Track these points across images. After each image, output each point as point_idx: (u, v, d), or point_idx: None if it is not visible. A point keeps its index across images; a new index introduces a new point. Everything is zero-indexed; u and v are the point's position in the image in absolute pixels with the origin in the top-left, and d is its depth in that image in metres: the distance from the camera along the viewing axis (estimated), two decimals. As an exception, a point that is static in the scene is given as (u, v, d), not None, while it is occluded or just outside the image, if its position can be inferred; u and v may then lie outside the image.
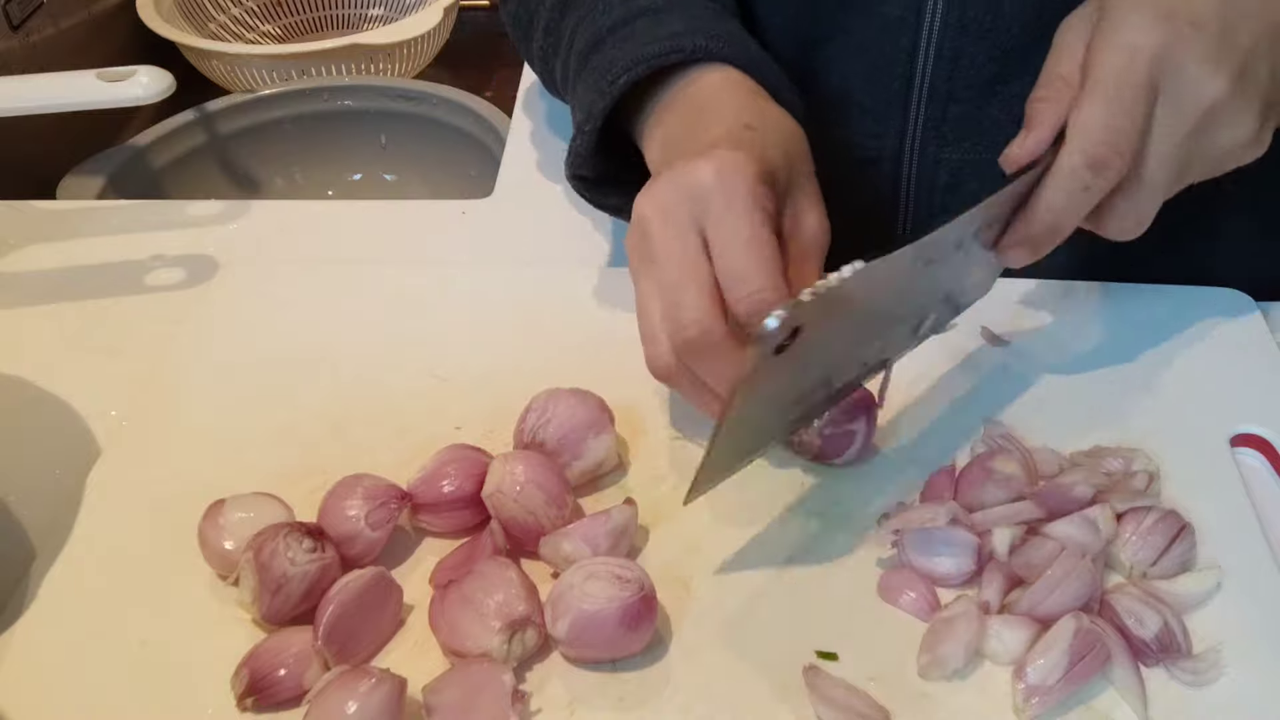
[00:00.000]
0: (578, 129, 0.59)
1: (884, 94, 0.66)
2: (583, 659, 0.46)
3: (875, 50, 0.65)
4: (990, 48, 0.62)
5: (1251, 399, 0.57)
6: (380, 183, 1.03)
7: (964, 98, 0.64)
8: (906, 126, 0.67)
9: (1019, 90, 0.63)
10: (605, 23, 0.61)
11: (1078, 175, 0.50)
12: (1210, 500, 0.52)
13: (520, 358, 0.61)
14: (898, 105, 0.66)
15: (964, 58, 0.63)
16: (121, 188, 0.90)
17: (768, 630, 0.48)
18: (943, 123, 0.66)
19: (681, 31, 0.57)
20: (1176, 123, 0.50)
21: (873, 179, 0.69)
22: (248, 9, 1.20)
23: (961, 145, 0.66)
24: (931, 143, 0.66)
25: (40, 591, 0.50)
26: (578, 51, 0.62)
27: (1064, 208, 0.51)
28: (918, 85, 0.65)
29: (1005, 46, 0.62)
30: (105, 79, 0.67)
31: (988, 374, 0.59)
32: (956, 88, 0.64)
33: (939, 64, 0.63)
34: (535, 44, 0.69)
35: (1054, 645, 0.45)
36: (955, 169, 0.67)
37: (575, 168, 0.60)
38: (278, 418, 0.58)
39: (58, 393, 0.61)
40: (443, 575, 0.49)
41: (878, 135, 0.68)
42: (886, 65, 0.65)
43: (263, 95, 0.99)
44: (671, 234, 0.49)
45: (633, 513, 0.50)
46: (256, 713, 0.45)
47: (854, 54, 0.66)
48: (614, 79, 0.57)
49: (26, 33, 0.97)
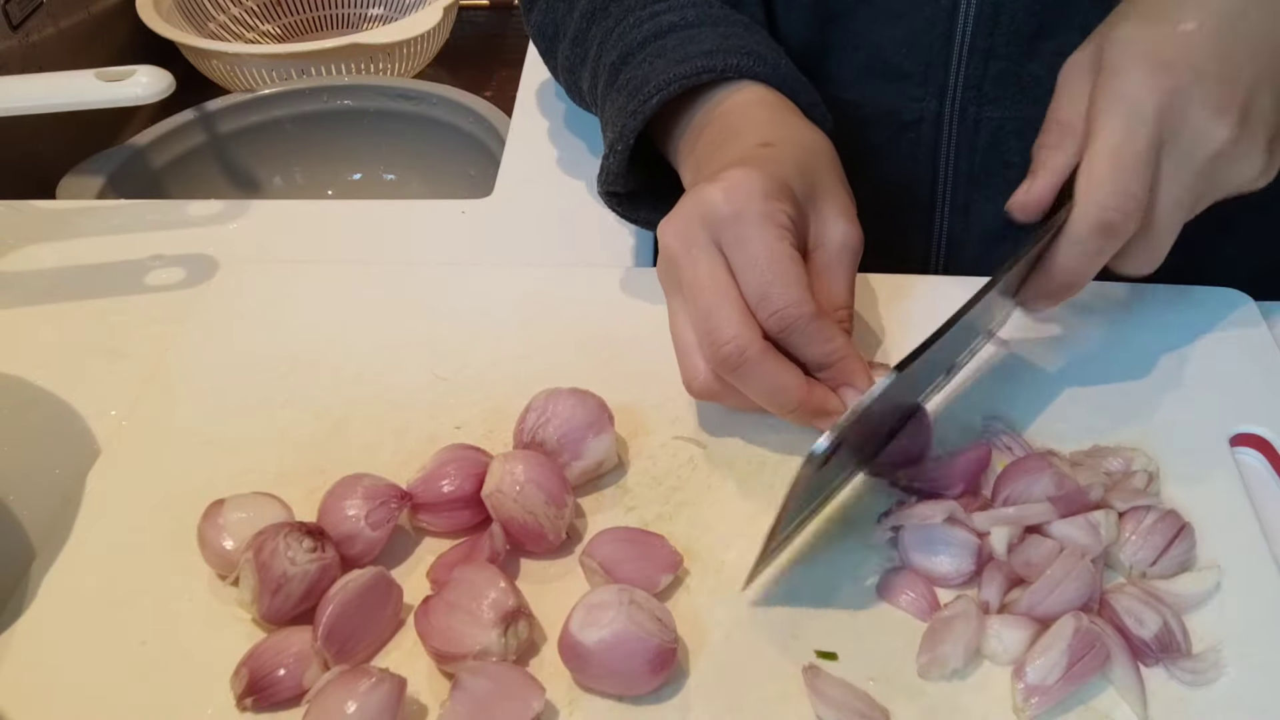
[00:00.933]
0: (609, 147, 0.60)
1: (923, 56, 0.66)
2: (590, 677, 0.45)
3: (913, 13, 0.65)
4: (1031, 2, 0.62)
5: (1251, 399, 0.57)
6: (380, 183, 1.03)
7: (1004, 54, 0.64)
8: (946, 87, 0.66)
9: (1059, 46, 0.63)
10: (636, 37, 0.61)
11: (1090, 240, 0.51)
12: (1210, 500, 0.52)
13: (520, 358, 0.61)
14: (938, 66, 0.66)
15: (1004, 13, 0.63)
16: (121, 188, 0.90)
17: (768, 630, 0.48)
18: (983, 81, 0.65)
19: (713, 50, 0.58)
20: (1184, 172, 0.51)
21: (912, 143, 0.69)
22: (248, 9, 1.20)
23: (1002, 103, 0.66)
24: (972, 102, 0.66)
25: (40, 591, 0.50)
26: (607, 64, 0.62)
27: (1077, 269, 0.52)
28: (958, 44, 0.65)
29: (1045, 1, 0.62)
30: (105, 79, 0.67)
31: (987, 374, 0.59)
32: (997, 44, 0.64)
33: (979, 21, 0.63)
34: (561, 54, 0.69)
35: (1053, 645, 0.45)
36: (996, 128, 0.67)
37: (608, 184, 0.61)
38: (278, 418, 0.58)
39: (58, 393, 0.61)
40: (439, 572, 0.49)
41: (917, 99, 0.67)
42: (926, 26, 0.65)
43: (263, 95, 0.99)
44: (694, 259, 0.50)
45: None
46: (256, 712, 0.45)
47: (886, 21, 0.66)
48: (646, 98, 0.57)
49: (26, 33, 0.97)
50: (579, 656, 0.44)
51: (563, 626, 0.45)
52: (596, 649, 0.44)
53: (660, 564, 0.49)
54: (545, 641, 0.47)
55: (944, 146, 0.69)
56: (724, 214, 0.50)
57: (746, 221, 0.50)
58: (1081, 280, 0.53)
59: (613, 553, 0.49)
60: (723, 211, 0.50)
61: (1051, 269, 0.53)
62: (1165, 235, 0.52)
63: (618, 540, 0.49)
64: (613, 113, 0.61)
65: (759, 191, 0.50)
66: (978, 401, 0.57)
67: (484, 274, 0.67)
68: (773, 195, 0.50)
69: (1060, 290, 0.54)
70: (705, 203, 0.50)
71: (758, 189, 0.50)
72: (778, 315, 0.49)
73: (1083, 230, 0.51)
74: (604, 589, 0.46)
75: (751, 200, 0.50)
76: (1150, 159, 0.50)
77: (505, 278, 0.66)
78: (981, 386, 0.58)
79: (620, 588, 0.46)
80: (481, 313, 0.64)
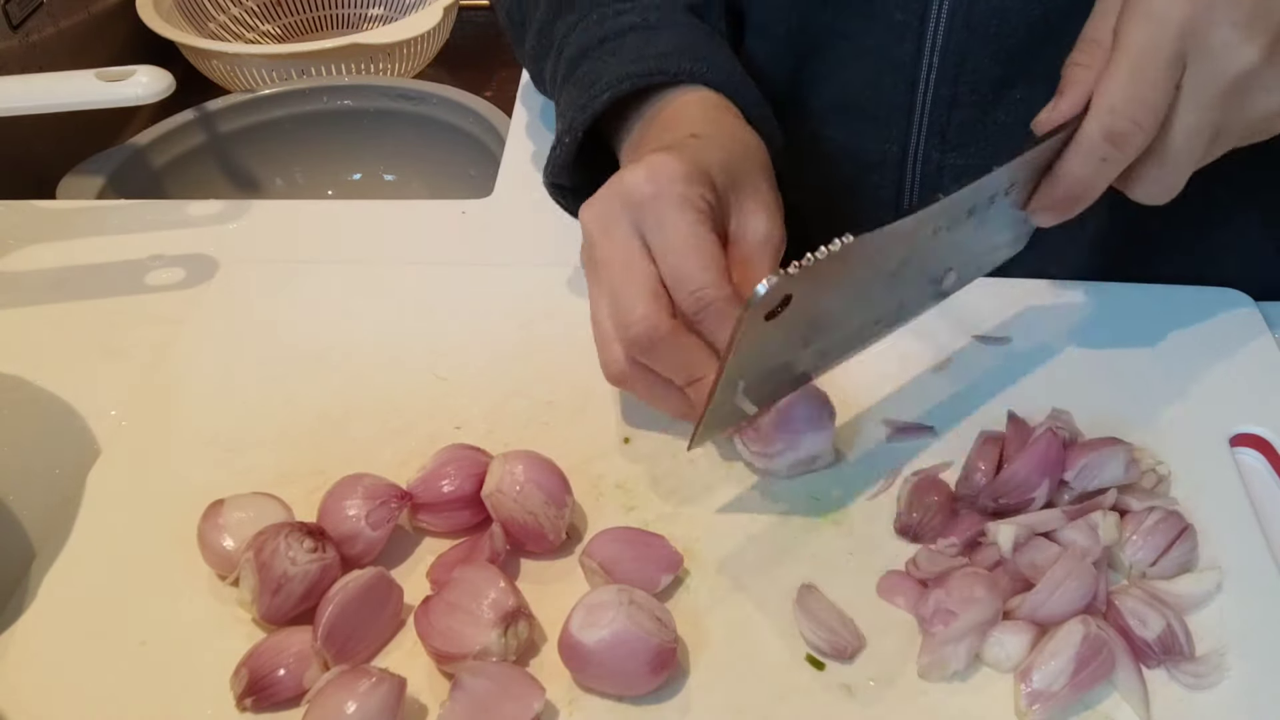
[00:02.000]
0: (558, 139, 0.59)
1: (887, 99, 0.66)
2: (590, 678, 0.45)
3: (878, 54, 0.64)
4: (996, 51, 0.62)
5: (1251, 399, 0.57)
6: (380, 183, 1.03)
7: (968, 102, 0.64)
8: (910, 131, 0.66)
9: (1023, 95, 0.63)
10: (597, 33, 0.61)
11: (1096, 147, 0.50)
12: (1210, 500, 0.52)
13: (520, 358, 0.61)
14: (902, 110, 0.66)
15: (969, 61, 0.63)
16: (121, 188, 0.90)
17: (768, 630, 0.48)
18: (947, 127, 0.65)
19: (669, 52, 0.58)
20: (1205, 93, 0.49)
21: (875, 184, 0.69)
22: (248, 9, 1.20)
23: (966, 150, 0.66)
24: (935, 148, 0.66)
25: (40, 591, 0.50)
26: (567, 58, 0.62)
27: (1084, 177, 0.51)
28: (921, 90, 0.64)
29: (1011, 50, 0.62)
30: (104, 79, 0.67)
31: (987, 374, 0.59)
32: (961, 92, 0.64)
33: (943, 68, 0.63)
34: (528, 44, 0.69)
35: (1060, 651, 0.44)
36: (959, 174, 0.66)
37: (554, 176, 0.60)
38: (278, 418, 0.58)
39: (58, 393, 0.61)
40: (439, 572, 0.49)
41: (881, 140, 0.67)
42: (890, 69, 0.64)
43: (263, 95, 0.99)
44: (612, 241, 0.50)
45: None
46: (256, 713, 0.45)
47: (856, 59, 0.65)
48: (596, 94, 0.57)
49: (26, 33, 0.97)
50: (579, 657, 0.44)
51: (563, 627, 0.45)
52: (596, 649, 0.44)
53: (661, 564, 0.49)
54: (545, 641, 0.47)
55: (907, 189, 0.69)
56: (643, 195, 0.50)
57: (665, 202, 0.49)
58: (1089, 192, 0.51)
59: (613, 553, 0.49)
60: (642, 192, 0.50)
61: (1059, 176, 0.51)
62: (1180, 160, 0.50)
63: (618, 540, 0.49)
64: (565, 105, 0.61)
65: (679, 174, 0.50)
66: (976, 402, 0.57)
67: (484, 274, 0.67)
68: (693, 179, 0.50)
69: (1067, 201, 0.52)
70: (625, 184, 0.50)
71: (678, 172, 0.50)
72: (694, 295, 0.49)
73: (1092, 136, 0.49)
74: (604, 589, 0.46)
75: (672, 183, 0.50)
76: (1170, 71, 0.48)
77: (506, 278, 0.66)
78: (979, 386, 0.58)
79: (620, 588, 0.46)
80: (481, 313, 0.64)
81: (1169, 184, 0.51)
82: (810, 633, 0.46)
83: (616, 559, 0.48)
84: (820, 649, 0.46)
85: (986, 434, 0.54)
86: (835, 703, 0.45)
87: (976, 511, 0.51)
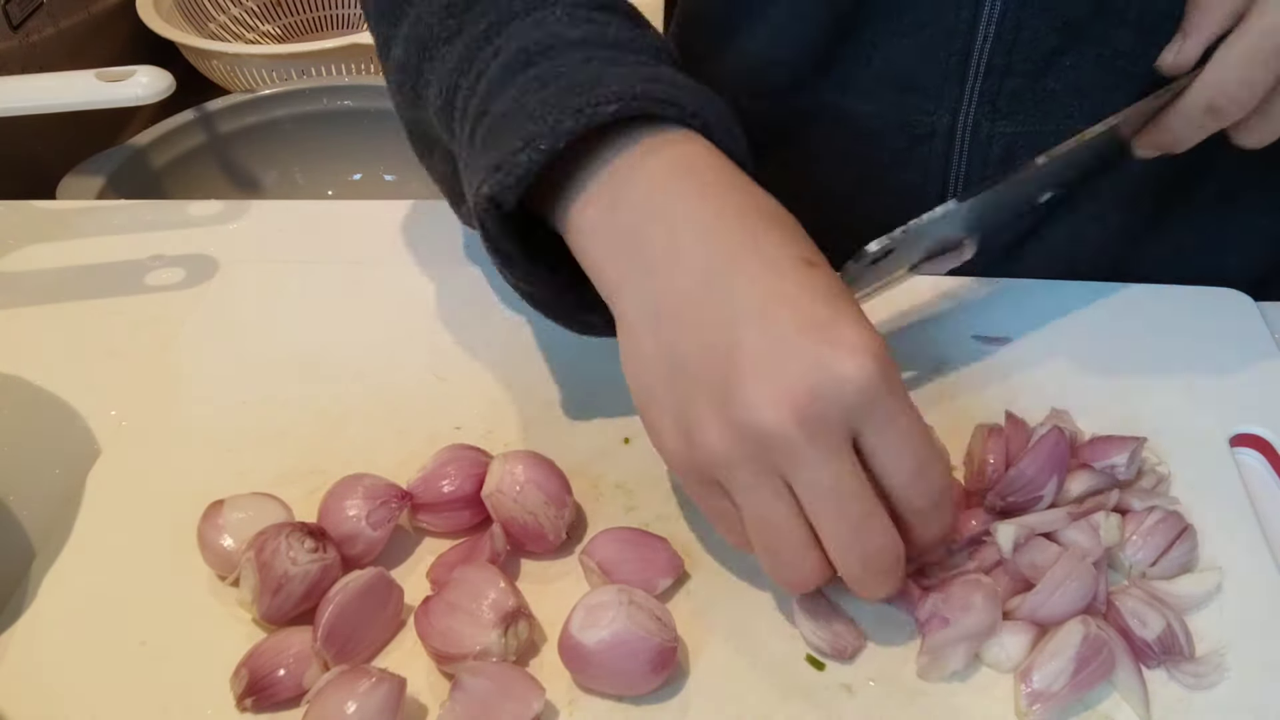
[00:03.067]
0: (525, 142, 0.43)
1: (938, 70, 0.65)
2: (590, 678, 0.45)
3: (932, 26, 0.64)
4: (1053, 19, 0.62)
5: (1251, 399, 0.57)
6: (380, 183, 1.03)
7: (1021, 70, 0.64)
8: (961, 101, 0.66)
9: (1075, 62, 0.63)
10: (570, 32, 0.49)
11: (1196, 115, 0.52)
12: (1210, 500, 0.52)
13: (520, 358, 0.61)
14: (953, 81, 0.65)
15: (1025, 30, 0.62)
16: (121, 188, 0.90)
17: (767, 630, 0.48)
18: (998, 96, 0.65)
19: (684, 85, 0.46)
20: None
21: (923, 156, 0.69)
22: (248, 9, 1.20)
23: (1016, 118, 0.65)
24: (986, 117, 0.66)
25: (40, 591, 0.50)
26: (514, 48, 0.48)
27: (1184, 136, 0.54)
28: (975, 60, 0.64)
29: (1067, 17, 0.62)
30: (104, 79, 0.67)
31: (986, 373, 0.59)
32: (1015, 61, 0.63)
33: (999, 38, 0.63)
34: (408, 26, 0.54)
35: (1061, 651, 0.44)
36: (1009, 143, 0.66)
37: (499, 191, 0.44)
38: (278, 417, 0.58)
39: (58, 393, 0.61)
40: (439, 572, 0.49)
41: (930, 112, 0.67)
42: (943, 40, 0.64)
43: (263, 95, 0.99)
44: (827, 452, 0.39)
45: None
46: (256, 713, 0.45)
47: (904, 32, 0.65)
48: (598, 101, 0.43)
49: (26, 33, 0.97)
50: (579, 657, 0.44)
51: (563, 627, 0.45)
52: (597, 649, 0.44)
53: (660, 568, 0.49)
54: (545, 642, 0.47)
55: (955, 160, 0.68)
56: (877, 392, 0.39)
57: (897, 394, 0.40)
58: (1188, 143, 0.54)
59: (612, 554, 0.49)
60: (876, 388, 0.39)
61: (1162, 127, 0.54)
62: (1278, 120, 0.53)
63: (618, 541, 0.49)
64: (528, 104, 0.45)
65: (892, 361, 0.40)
66: (974, 402, 0.57)
67: (484, 274, 0.67)
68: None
69: (1168, 147, 0.55)
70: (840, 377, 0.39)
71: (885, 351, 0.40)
72: (931, 493, 0.41)
73: (1194, 106, 0.52)
74: (603, 589, 0.46)
75: (892, 367, 0.40)
76: None
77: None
78: (979, 387, 0.58)
79: (620, 588, 0.46)
80: (481, 313, 0.64)
81: (1269, 136, 0.54)
82: (811, 633, 0.46)
83: (616, 560, 0.48)
84: (820, 649, 0.46)
85: (986, 426, 0.54)
86: (835, 703, 0.45)
87: (984, 510, 0.51)
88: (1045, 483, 0.50)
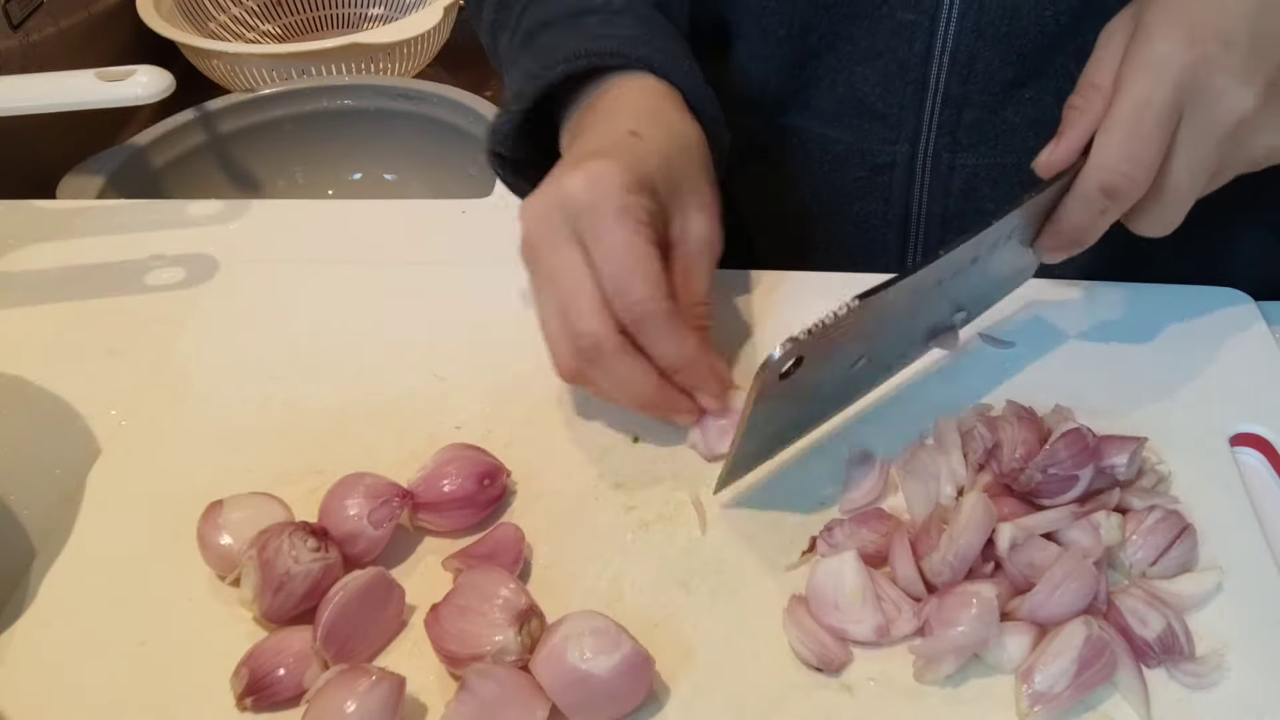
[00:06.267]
0: (504, 106, 0.59)
1: (897, 99, 0.65)
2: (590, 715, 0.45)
3: (888, 55, 0.64)
4: (1007, 52, 0.62)
5: (1251, 399, 0.57)
6: (380, 183, 1.03)
7: (979, 102, 0.64)
8: (920, 132, 0.66)
9: (1034, 94, 0.63)
10: (558, 9, 0.61)
11: (1094, 199, 0.51)
12: (1210, 500, 0.52)
13: (520, 358, 0.61)
14: (911, 111, 0.66)
15: (980, 61, 0.63)
16: (121, 187, 0.90)
17: (767, 631, 0.48)
18: (957, 128, 0.65)
19: (628, 37, 0.58)
20: (1203, 141, 0.50)
21: (885, 185, 0.69)
22: (248, 9, 1.20)
23: (976, 150, 0.66)
24: (946, 148, 0.66)
25: (40, 591, 0.50)
26: (525, 29, 0.62)
27: (1083, 224, 0.53)
28: (932, 90, 0.64)
29: (1022, 50, 0.62)
30: (104, 79, 0.67)
31: (987, 374, 0.59)
32: (972, 92, 0.64)
33: (954, 68, 0.63)
34: (486, 17, 0.69)
35: (1063, 653, 0.44)
36: (970, 174, 0.67)
37: (494, 144, 0.60)
38: (278, 417, 0.58)
39: (58, 393, 0.61)
40: (460, 559, 0.49)
41: (891, 141, 0.67)
42: (899, 70, 0.64)
43: (263, 95, 0.99)
44: (554, 249, 0.51)
45: None
46: (256, 712, 0.45)
47: (864, 60, 0.65)
48: (550, 65, 0.56)
49: (26, 32, 0.97)
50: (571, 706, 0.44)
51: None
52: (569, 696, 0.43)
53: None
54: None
55: (918, 191, 0.69)
56: (583, 204, 0.50)
57: (604, 214, 0.49)
58: (1089, 236, 0.53)
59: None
60: (581, 201, 0.50)
61: (1060, 221, 0.53)
62: (1178, 201, 0.52)
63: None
64: (517, 75, 0.60)
65: (619, 184, 0.50)
66: (975, 400, 0.57)
67: (484, 274, 0.67)
68: (632, 188, 0.50)
69: (1069, 243, 0.54)
70: (565, 191, 0.50)
71: (618, 181, 0.50)
72: (630, 309, 0.50)
73: (1088, 189, 0.51)
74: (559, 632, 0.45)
75: (611, 193, 0.50)
76: (1166, 124, 0.49)
77: (506, 277, 0.66)
78: (980, 387, 0.58)
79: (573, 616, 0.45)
80: (482, 313, 0.64)
81: (1167, 220, 0.53)
82: (799, 644, 0.46)
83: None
84: (808, 661, 0.46)
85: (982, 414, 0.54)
86: (835, 703, 0.45)
87: (1014, 497, 0.51)
88: (1084, 465, 0.49)
